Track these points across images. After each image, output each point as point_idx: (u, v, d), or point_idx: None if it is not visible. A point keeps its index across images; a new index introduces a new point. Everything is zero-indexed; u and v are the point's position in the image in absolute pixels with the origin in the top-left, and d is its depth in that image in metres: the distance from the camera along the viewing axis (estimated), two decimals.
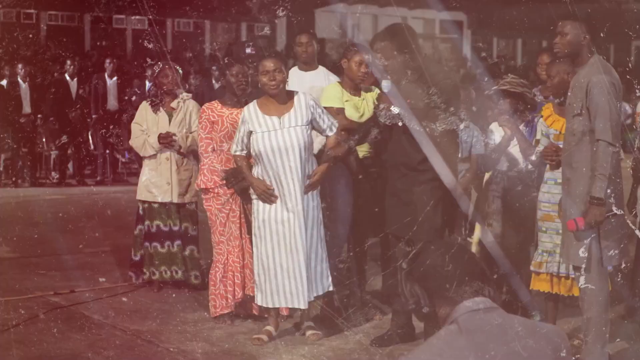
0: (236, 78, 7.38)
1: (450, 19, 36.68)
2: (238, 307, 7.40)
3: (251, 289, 7.24)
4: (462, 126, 8.12)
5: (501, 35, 43.00)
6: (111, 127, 17.16)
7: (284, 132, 6.78)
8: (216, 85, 17.97)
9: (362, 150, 7.49)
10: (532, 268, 6.92)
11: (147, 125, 8.44)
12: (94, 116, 16.99)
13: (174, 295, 8.34)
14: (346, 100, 7.46)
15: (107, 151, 17.22)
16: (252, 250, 7.21)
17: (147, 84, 17.91)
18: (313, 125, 6.89)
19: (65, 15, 32.91)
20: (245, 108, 6.96)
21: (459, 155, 7.99)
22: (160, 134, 8.29)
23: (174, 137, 8.27)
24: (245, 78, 7.42)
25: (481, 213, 7.72)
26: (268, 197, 6.78)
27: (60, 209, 13.44)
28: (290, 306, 6.88)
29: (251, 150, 6.87)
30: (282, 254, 6.75)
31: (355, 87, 7.53)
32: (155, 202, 8.40)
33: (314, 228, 6.81)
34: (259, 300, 6.92)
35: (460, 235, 8.04)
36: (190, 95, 8.59)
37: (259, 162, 6.84)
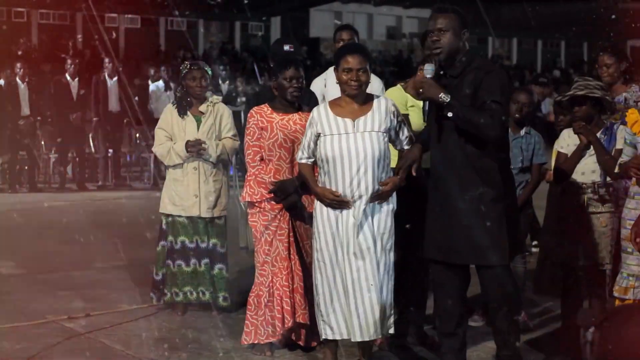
0: (289, 82, 6.52)
1: None
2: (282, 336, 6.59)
3: (301, 316, 6.43)
4: (522, 132, 7.38)
5: (496, 35, 42.50)
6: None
7: (357, 136, 5.84)
8: (223, 86, 17.30)
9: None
10: (615, 294, 6.10)
11: (172, 131, 7.62)
12: (95, 119, 16.26)
13: (201, 319, 7.52)
14: (410, 106, 6.66)
15: (110, 154, 16.49)
16: (302, 273, 6.43)
17: (151, 84, 17.30)
18: (390, 135, 5.98)
19: (57, 14, 32.27)
20: (315, 109, 6.07)
21: (520, 164, 7.26)
22: (188, 141, 7.48)
23: (203, 145, 7.46)
24: (299, 83, 6.51)
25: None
26: (340, 204, 5.83)
27: (63, 216, 12.70)
28: (357, 339, 5.92)
29: (317, 156, 5.97)
30: (354, 279, 5.81)
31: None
32: (180, 216, 7.58)
33: (381, 256, 5.87)
34: (326, 334, 5.98)
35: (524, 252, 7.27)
36: (220, 98, 7.77)
37: (324, 170, 5.93)
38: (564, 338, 6.66)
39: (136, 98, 16.98)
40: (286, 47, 7.44)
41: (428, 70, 5.71)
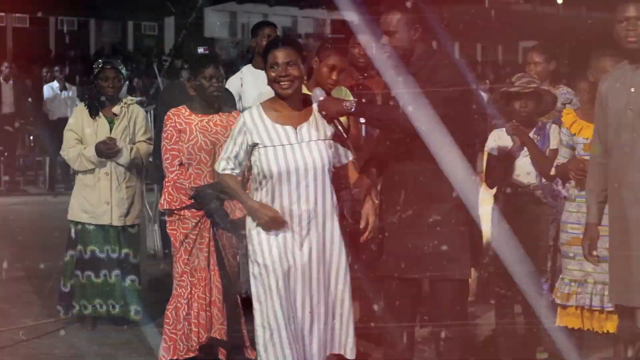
0: (209, 81, 6.11)
1: (341, 19, 36.06)
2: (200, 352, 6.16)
3: (218, 331, 6.03)
4: None
5: None
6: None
7: (303, 147, 5.07)
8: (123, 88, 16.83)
9: None
10: (557, 301, 5.88)
11: (83, 133, 7.15)
12: None
13: (112, 334, 7.10)
14: None
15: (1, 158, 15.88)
16: (221, 285, 6.03)
17: (45, 85, 16.77)
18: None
19: None
20: (247, 113, 5.28)
21: None
22: (97, 143, 7.04)
23: (117, 145, 7.02)
24: (220, 82, 6.14)
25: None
26: (278, 225, 5.03)
27: None
28: None
29: (255, 170, 5.18)
30: (298, 307, 5.09)
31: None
32: (90, 224, 7.12)
33: (339, 276, 5.17)
34: None
35: None
36: (134, 99, 7.35)
37: (265, 187, 5.11)
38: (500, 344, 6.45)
39: (30, 99, 16.38)
40: (200, 50, 7.11)
41: (318, 94, 5.17)
